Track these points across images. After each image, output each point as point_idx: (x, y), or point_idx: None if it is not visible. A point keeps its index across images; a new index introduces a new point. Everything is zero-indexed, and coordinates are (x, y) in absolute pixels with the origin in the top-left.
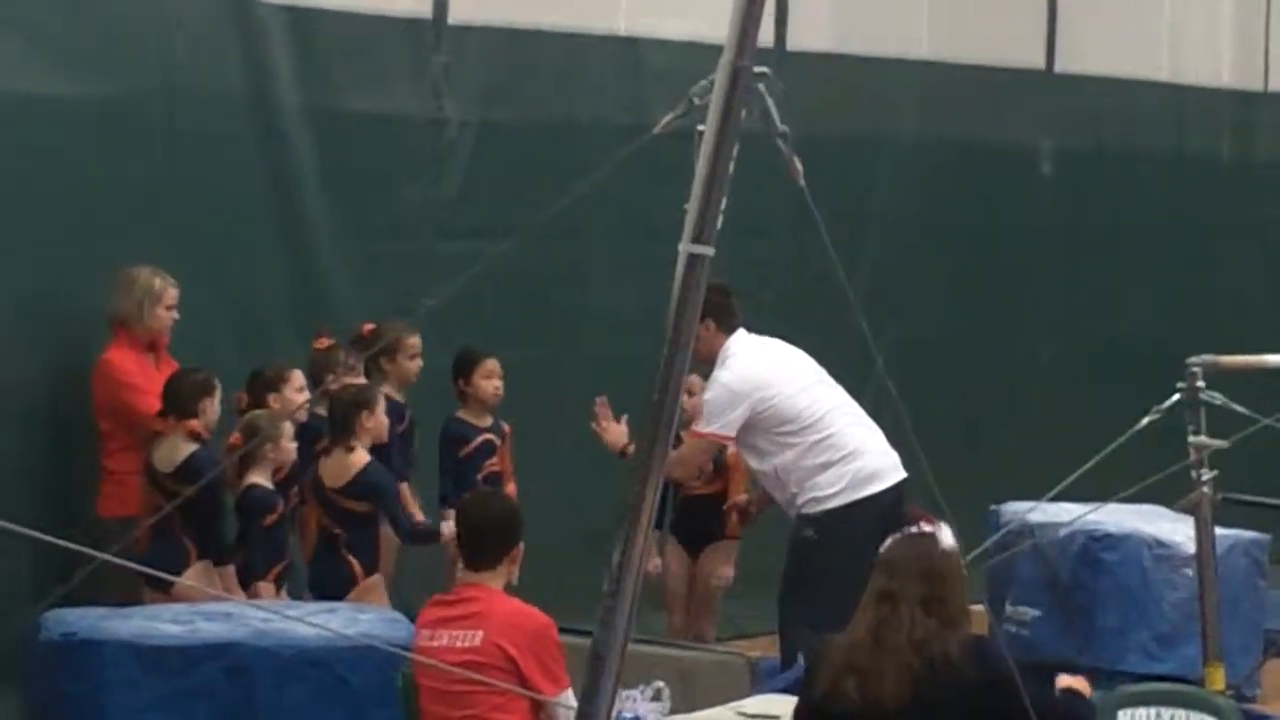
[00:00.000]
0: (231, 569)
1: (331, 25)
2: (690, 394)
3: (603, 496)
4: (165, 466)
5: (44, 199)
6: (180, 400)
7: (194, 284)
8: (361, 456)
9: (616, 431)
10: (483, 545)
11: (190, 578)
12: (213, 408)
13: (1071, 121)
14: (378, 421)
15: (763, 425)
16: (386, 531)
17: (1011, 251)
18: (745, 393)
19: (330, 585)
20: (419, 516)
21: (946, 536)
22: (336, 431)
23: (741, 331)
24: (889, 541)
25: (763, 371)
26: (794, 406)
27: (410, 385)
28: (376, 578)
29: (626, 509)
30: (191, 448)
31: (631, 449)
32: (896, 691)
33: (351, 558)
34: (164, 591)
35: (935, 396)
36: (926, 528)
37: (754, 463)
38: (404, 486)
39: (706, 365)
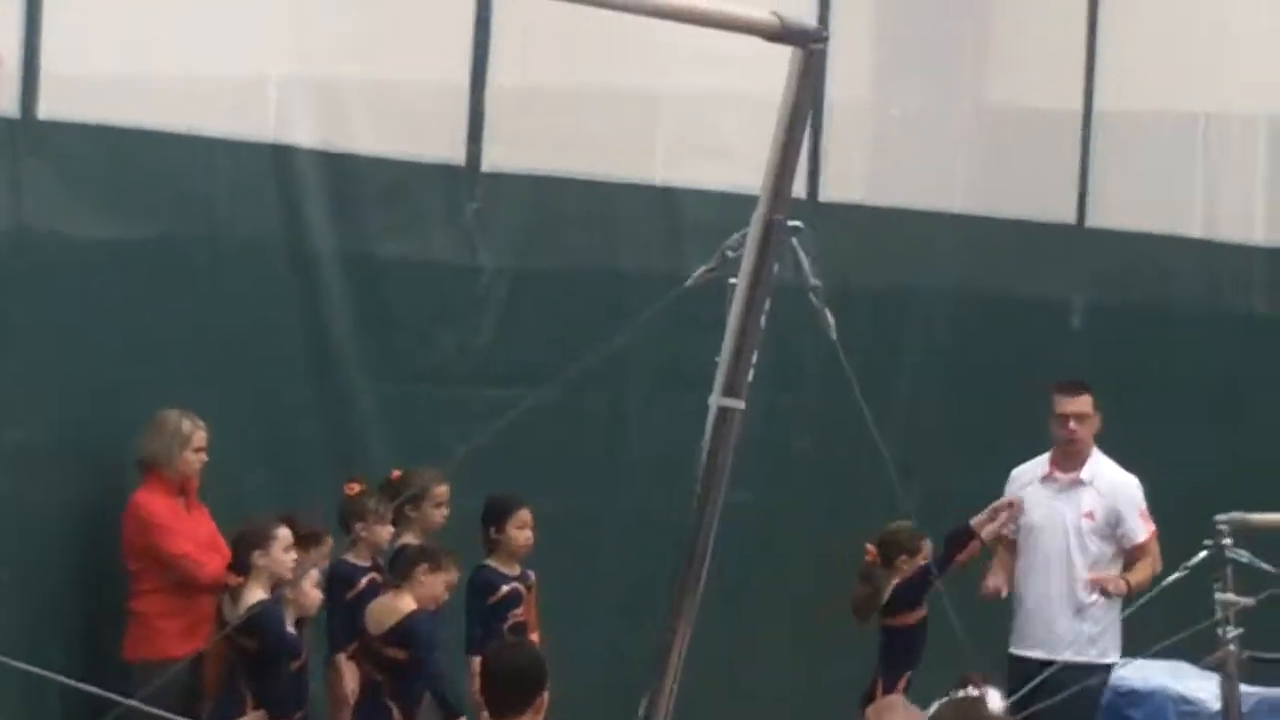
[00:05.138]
0: None
1: (367, 171)
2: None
3: (630, 646)
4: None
5: (81, 340)
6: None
7: (229, 428)
8: (409, 603)
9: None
10: (507, 694)
11: None
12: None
13: (1103, 276)
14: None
15: None
16: None
17: (1042, 405)
18: None
19: None
20: None
21: (995, 700)
22: (396, 576)
23: None
24: (937, 706)
25: None
26: None
27: (434, 532)
28: None
29: (656, 657)
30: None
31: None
32: None
33: (391, 703)
34: None
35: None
36: (975, 691)
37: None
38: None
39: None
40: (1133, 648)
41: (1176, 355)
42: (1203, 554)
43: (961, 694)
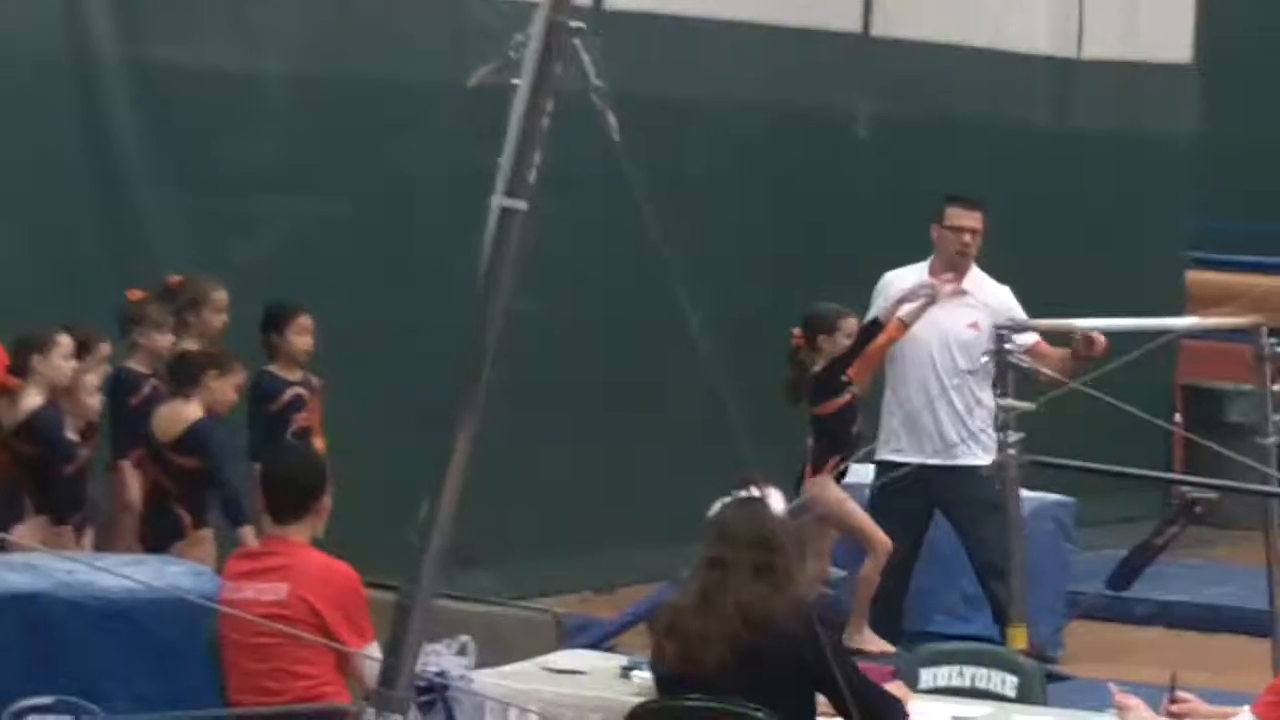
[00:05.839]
0: (69, 528)
1: None
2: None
3: (414, 452)
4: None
5: None
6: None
7: (9, 236)
8: (196, 410)
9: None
10: (286, 498)
11: (23, 532)
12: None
13: (888, 86)
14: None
15: None
16: None
17: (827, 216)
18: None
19: (159, 537)
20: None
21: (777, 501)
22: (183, 384)
23: None
24: (719, 507)
25: None
26: None
27: (216, 340)
28: (207, 532)
29: (436, 461)
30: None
31: None
32: (718, 655)
33: (181, 510)
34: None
35: (752, 362)
36: (757, 492)
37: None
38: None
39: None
40: None
41: (958, 167)
42: (984, 359)
43: (746, 495)
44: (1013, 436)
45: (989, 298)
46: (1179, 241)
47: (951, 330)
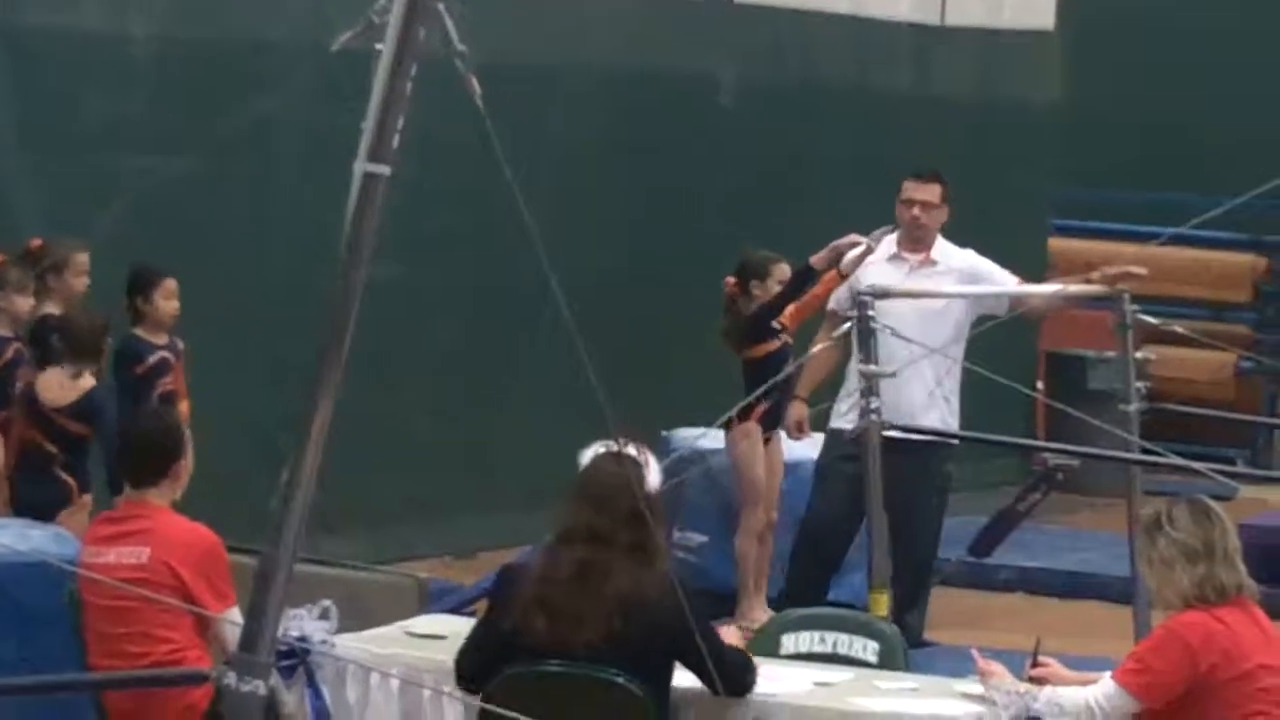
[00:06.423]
0: None
1: None
2: None
3: (276, 417)
4: None
5: None
6: None
7: None
8: (89, 380)
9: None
10: (144, 462)
11: None
12: None
13: (753, 53)
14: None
15: None
16: None
17: (690, 183)
18: None
19: (41, 503)
20: None
21: (654, 473)
22: (81, 354)
23: None
24: (595, 459)
25: None
26: None
27: (76, 304)
28: (89, 498)
29: (298, 426)
30: None
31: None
32: (589, 638)
33: (67, 476)
34: None
35: (610, 325)
36: (635, 452)
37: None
38: None
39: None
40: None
41: (823, 134)
42: (847, 325)
43: (622, 449)
44: (875, 403)
45: (955, 263)
46: (1041, 209)
47: (921, 301)
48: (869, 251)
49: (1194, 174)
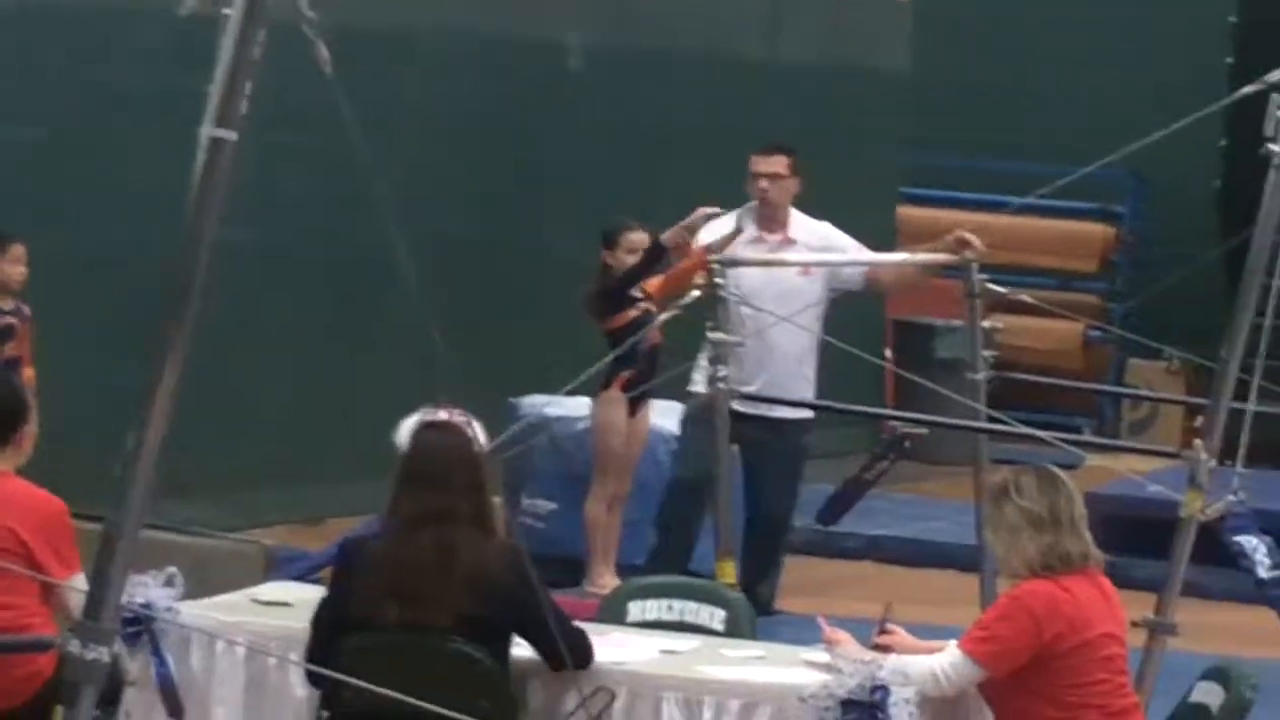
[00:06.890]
0: None
1: None
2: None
3: (122, 382)
4: None
5: None
6: None
7: None
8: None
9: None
10: None
11: None
12: None
13: (601, 17)
14: None
15: None
16: None
17: (542, 149)
18: None
19: None
20: None
21: (481, 437)
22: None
23: None
24: (422, 436)
25: None
26: None
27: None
28: None
29: (144, 392)
30: None
31: None
32: (443, 620)
33: None
34: None
35: (457, 292)
36: (459, 419)
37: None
38: None
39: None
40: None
41: (675, 101)
42: (696, 293)
43: (446, 419)
44: (723, 370)
45: (811, 239)
46: (890, 176)
47: (782, 277)
48: (738, 232)
49: (1045, 143)
